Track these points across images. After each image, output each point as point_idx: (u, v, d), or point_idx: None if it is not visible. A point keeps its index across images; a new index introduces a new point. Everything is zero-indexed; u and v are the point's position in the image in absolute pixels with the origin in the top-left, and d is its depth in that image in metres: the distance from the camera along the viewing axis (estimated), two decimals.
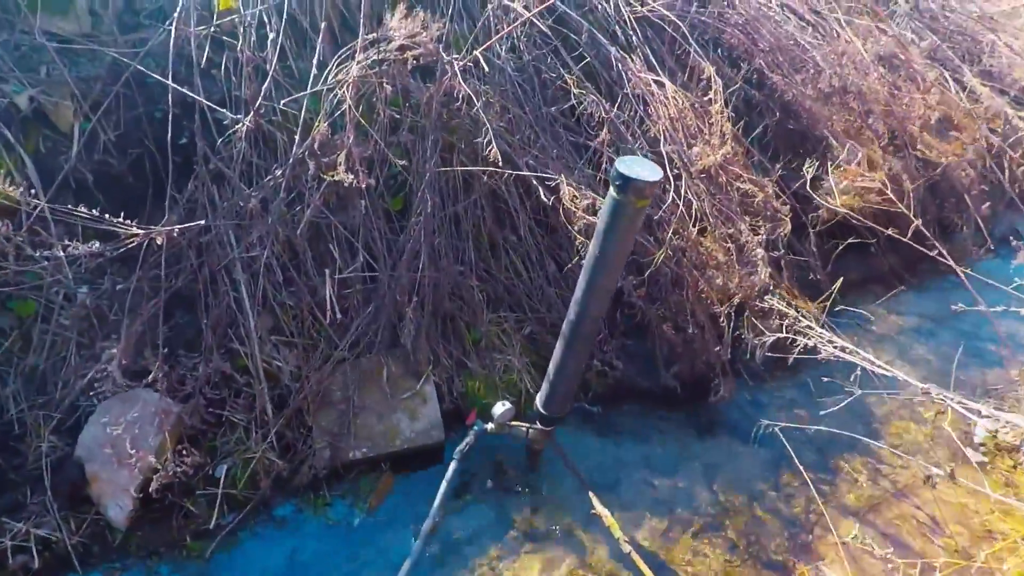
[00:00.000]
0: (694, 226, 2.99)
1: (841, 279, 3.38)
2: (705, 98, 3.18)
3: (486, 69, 2.84)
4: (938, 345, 3.53)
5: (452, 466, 2.45)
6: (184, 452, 2.26)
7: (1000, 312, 2.71)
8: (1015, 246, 4.00)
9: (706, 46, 3.50)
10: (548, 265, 3.08)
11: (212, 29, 2.70)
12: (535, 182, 2.75)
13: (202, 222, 2.15)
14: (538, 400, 2.41)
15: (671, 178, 2.94)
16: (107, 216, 2.05)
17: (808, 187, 3.22)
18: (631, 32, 3.33)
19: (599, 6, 3.37)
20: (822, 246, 3.70)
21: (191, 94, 2.49)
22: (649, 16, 3.37)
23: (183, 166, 2.60)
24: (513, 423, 2.55)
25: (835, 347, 2.45)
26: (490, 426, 2.55)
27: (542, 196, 2.70)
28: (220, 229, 2.50)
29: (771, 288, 3.06)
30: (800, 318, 2.76)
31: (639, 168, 1.78)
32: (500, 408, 2.48)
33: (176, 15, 2.64)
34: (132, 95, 2.65)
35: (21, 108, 2.47)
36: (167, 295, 2.46)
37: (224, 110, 2.50)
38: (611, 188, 1.80)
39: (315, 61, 2.73)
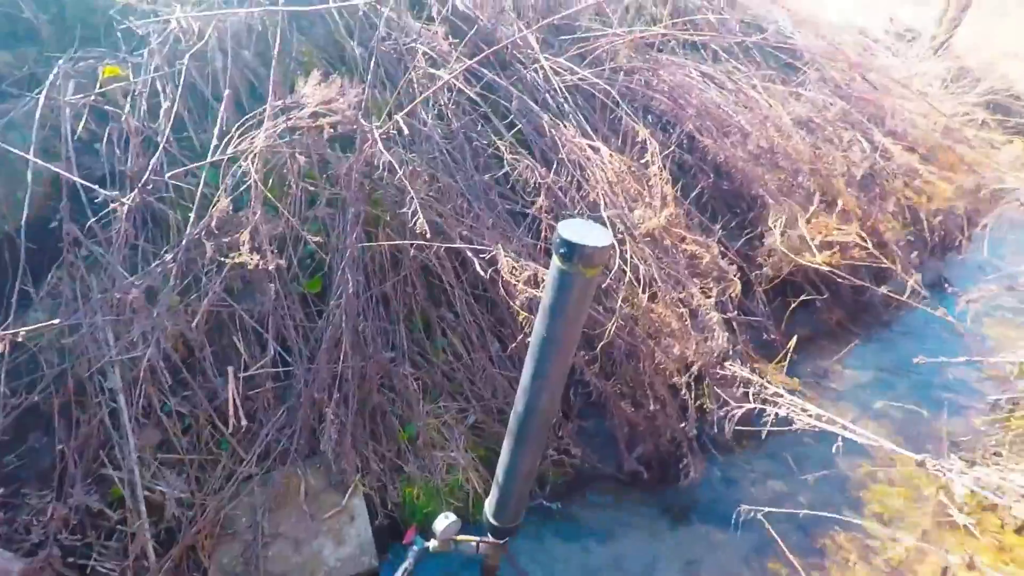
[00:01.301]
0: (643, 292, 2.79)
1: (795, 337, 3.29)
2: (641, 161, 3.09)
3: (406, 134, 2.63)
4: (897, 397, 3.41)
5: None
6: None
7: (962, 362, 2.60)
8: (950, 292, 4.08)
9: (636, 112, 3.47)
10: (491, 344, 2.77)
11: (92, 98, 2.37)
12: (470, 254, 2.50)
13: (56, 321, 1.73)
14: (487, 509, 2.03)
15: (616, 245, 2.76)
16: None
17: (771, 242, 3.11)
18: (562, 100, 3.26)
19: (527, 76, 3.30)
20: (770, 304, 3.62)
21: (55, 168, 2.11)
22: (579, 84, 3.32)
23: (45, 253, 2.18)
24: (460, 537, 2.14)
25: (810, 415, 2.23)
26: (432, 544, 2.12)
27: (479, 269, 2.44)
28: (89, 327, 2.06)
29: (730, 352, 2.87)
30: (766, 384, 2.55)
31: (585, 232, 1.54)
32: (443, 522, 2.07)
33: (48, 82, 2.31)
34: None
35: None
36: (14, 414, 1.96)
37: (96, 187, 2.13)
38: (555, 257, 1.55)
39: (216, 132, 2.43)
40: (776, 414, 2.38)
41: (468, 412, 2.66)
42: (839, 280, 3.67)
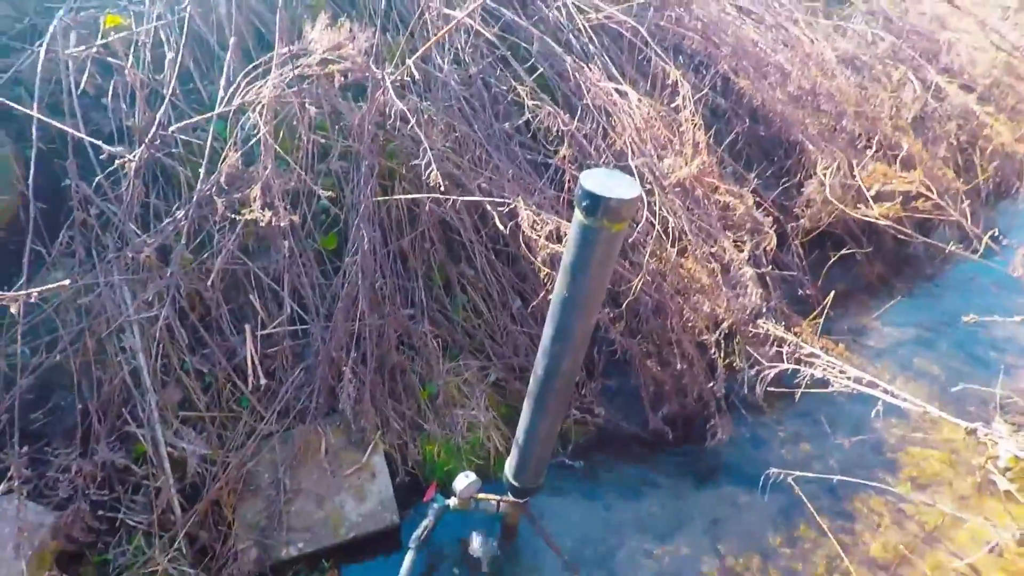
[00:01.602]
0: (672, 246, 2.66)
1: (832, 292, 3.12)
2: (672, 106, 2.89)
3: (420, 81, 2.48)
4: (941, 356, 3.25)
5: (408, 558, 2.00)
6: None
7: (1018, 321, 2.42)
8: (1006, 243, 3.81)
9: (667, 52, 3.23)
10: (512, 301, 2.70)
11: (95, 50, 2.28)
12: (489, 207, 2.38)
13: (67, 282, 1.71)
14: (507, 469, 2.00)
15: (644, 195, 2.61)
16: None
17: (812, 191, 2.89)
18: (587, 40, 3.04)
19: (550, 15, 3.08)
20: (806, 257, 3.44)
21: (59, 125, 2.05)
22: (605, 23, 3.09)
23: (59, 212, 2.14)
24: (480, 496, 2.12)
25: (848, 377, 2.11)
26: (452, 502, 2.11)
27: (498, 224, 2.33)
28: (105, 285, 2.04)
29: (764, 310, 2.74)
30: (801, 344, 2.43)
31: (611, 183, 1.41)
32: (463, 481, 2.05)
33: (49, 34, 2.22)
34: None
35: None
36: (36, 374, 1.97)
37: (102, 144, 2.06)
38: (577, 211, 1.43)
39: (223, 83, 2.33)
40: (811, 375, 2.27)
41: (489, 370, 2.62)
42: (884, 232, 3.46)
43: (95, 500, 1.93)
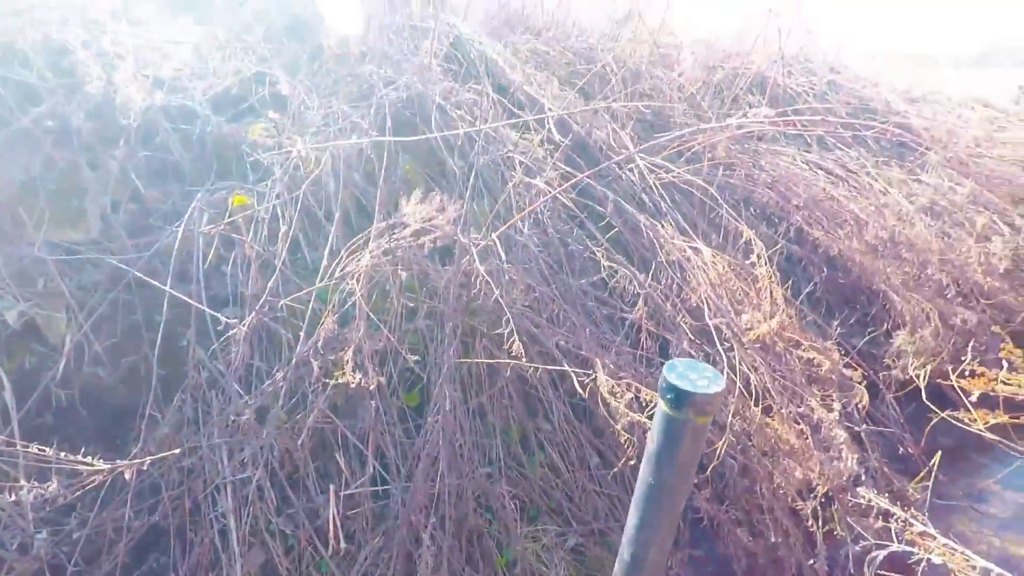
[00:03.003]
0: (756, 405, 2.57)
1: (940, 452, 2.88)
2: (747, 262, 2.93)
3: (500, 250, 2.65)
4: None
5: None
6: None
7: None
8: None
9: (738, 206, 3.34)
10: (590, 458, 2.64)
11: (222, 227, 2.60)
12: (568, 369, 2.42)
13: (176, 451, 1.83)
14: None
15: (723, 352, 2.58)
16: (62, 454, 1.74)
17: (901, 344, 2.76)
18: (659, 199, 3.20)
19: (623, 176, 3.29)
20: (903, 410, 3.21)
21: (182, 296, 2.31)
22: (675, 182, 3.27)
23: (173, 373, 2.35)
24: None
25: (974, 568, 1.87)
26: None
27: (577, 386, 2.35)
28: (206, 449, 2.17)
29: (862, 476, 2.54)
30: (912, 520, 2.20)
31: (694, 375, 1.44)
32: None
33: (187, 215, 2.57)
34: (132, 300, 2.49)
35: (10, 324, 2.30)
36: (138, 534, 2.06)
37: (217, 314, 2.29)
38: (661, 402, 1.44)
39: (326, 252, 2.58)
40: (928, 559, 2.03)
41: (567, 535, 2.50)
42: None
43: None
